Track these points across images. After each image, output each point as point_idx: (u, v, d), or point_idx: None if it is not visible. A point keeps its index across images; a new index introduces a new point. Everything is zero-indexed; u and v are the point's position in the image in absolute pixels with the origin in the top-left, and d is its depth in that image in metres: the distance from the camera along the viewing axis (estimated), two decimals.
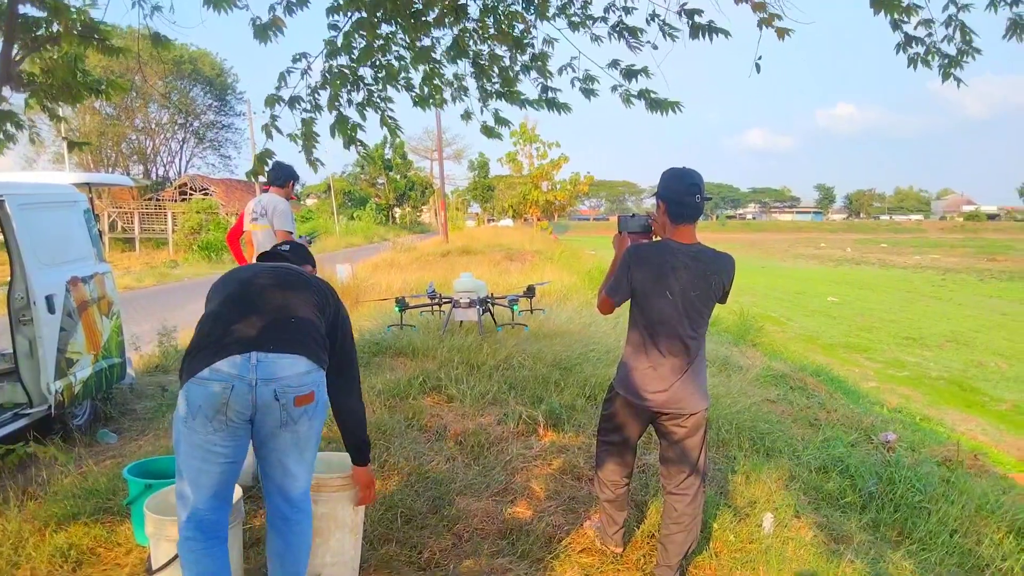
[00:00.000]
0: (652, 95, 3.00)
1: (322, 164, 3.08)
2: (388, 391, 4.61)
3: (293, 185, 4.95)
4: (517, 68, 3.24)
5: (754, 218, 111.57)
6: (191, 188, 35.43)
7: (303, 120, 2.98)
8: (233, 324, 2.07)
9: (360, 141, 3.13)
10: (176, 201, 33.37)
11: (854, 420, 5.44)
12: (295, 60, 2.91)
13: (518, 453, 3.75)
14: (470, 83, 3.32)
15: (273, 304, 2.14)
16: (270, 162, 3.13)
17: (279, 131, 2.90)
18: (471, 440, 3.87)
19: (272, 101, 2.91)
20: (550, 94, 3.26)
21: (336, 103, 3.06)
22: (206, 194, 34.32)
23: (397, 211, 56.65)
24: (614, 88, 3.02)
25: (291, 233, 4.71)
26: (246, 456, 2.12)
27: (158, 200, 34.09)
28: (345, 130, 3.06)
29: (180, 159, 43.87)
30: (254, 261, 4.69)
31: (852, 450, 4.36)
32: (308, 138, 2.98)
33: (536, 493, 3.34)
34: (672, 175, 2.45)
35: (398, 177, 53.52)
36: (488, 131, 3.32)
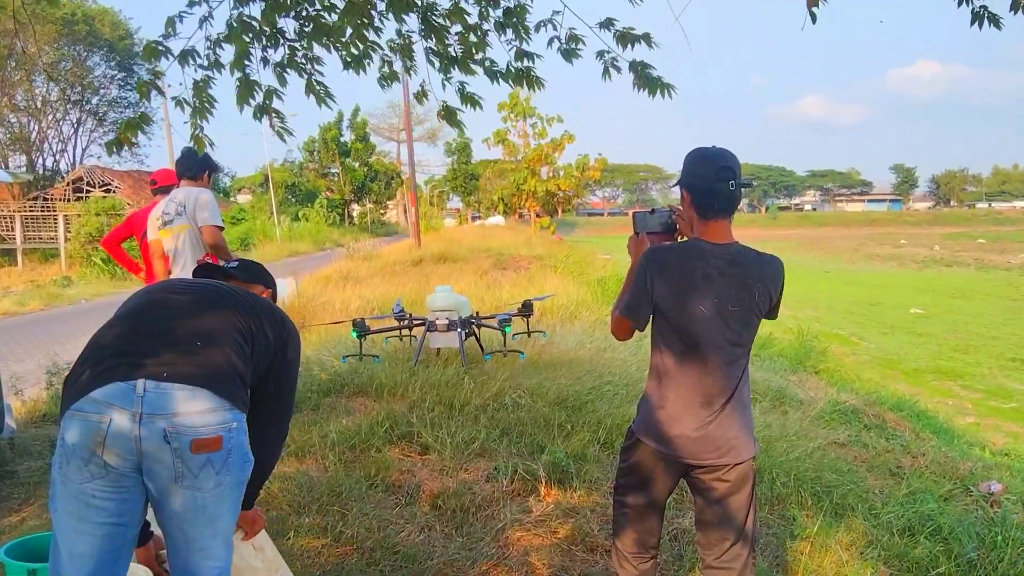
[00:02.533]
0: (646, 69, 3.01)
1: (291, 134, 3.09)
2: (344, 441, 4.60)
3: (210, 177, 4.97)
4: (487, 26, 3.24)
5: (814, 209, 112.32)
6: (89, 183, 35.39)
7: (195, 82, 2.99)
8: (122, 344, 2.08)
9: (276, 111, 3.14)
10: (70, 200, 33.26)
11: (947, 467, 5.43)
12: (191, 3, 2.93)
13: (513, 518, 3.73)
14: (419, 47, 3.32)
15: (179, 324, 2.15)
16: (147, 131, 3.17)
17: (160, 92, 2.92)
18: (452, 503, 3.86)
19: (154, 52, 2.91)
20: (526, 62, 3.26)
21: (245, 62, 3.07)
22: (108, 191, 34.27)
23: (355, 208, 56.81)
24: (600, 54, 3.04)
25: (221, 228, 4.72)
26: (140, 521, 2.10)
27: (46, 199, 34.03)
28: (247, 96, 3.08)
29: (74, 146, 43.96)
30: (176, 276, 4.75)
31: (945, 506, 4.35)
32: (201, 105, 3.00)
33: (537, 570, 3.32)
34: (697, 157, 2.46)
35: (356, 165, 53.72)
36: (449, 115, 3.33)
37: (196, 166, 4.81)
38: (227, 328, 2.18)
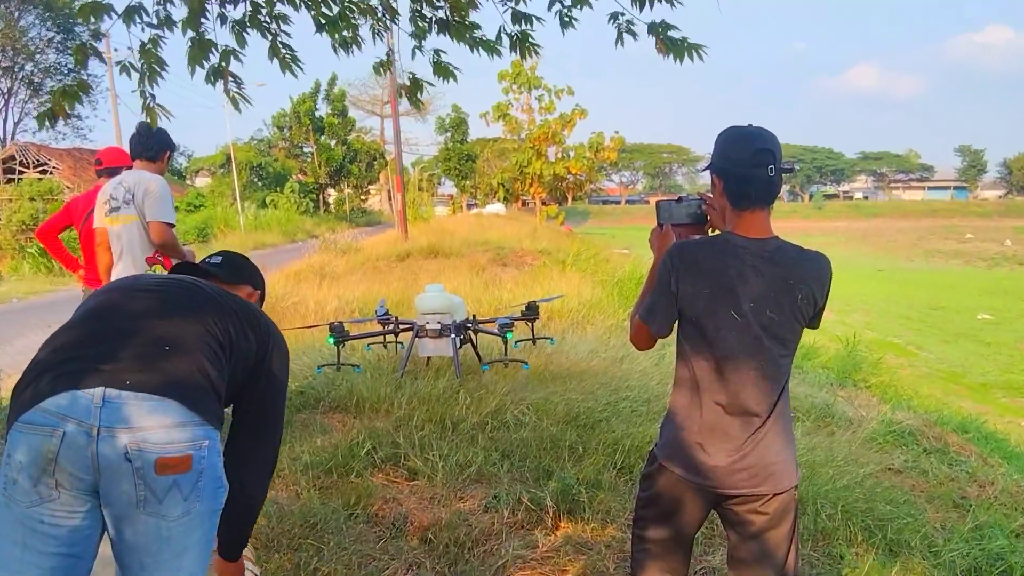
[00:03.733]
0: (668, 30, 3.02)
1: (249, 102, 3.09)
2: (319, 464, 4.61)
3: (169, 157, 4.98)
4: None
5: (866, 197, 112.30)
6: (22, 163, 35.42)
7: (142, 43, 2.99)
8: (79, 349, 2.08)
9: (232, 75, 3.15)
10: None
11: (1020, 498, 5.44)
12: None
13: (516, 555, 3.74)
14: (404, 4, 3.33)
15: (146, 326, 2.15)
16: (87, 101, 3.18)
17: (98, 56, 2.93)
18: (444, 536, 3.86)
19: (94, 9, 2.90)
20: (523, 26, 3.26)
21: (199, 20, 3.07)
22: (44, 172, 34.31)
23: (332, 194, 56.84)
24: (613, 16, 3.04)
25: (172, 226, 4.73)
26: (95, 553, 2.09)
27: None
28: (200, 57, 3.08)
29: (4, 120, 43.99)
30: (118, 275, 4.76)
31: (1018, 543, 4.36)
32: (150, 69, 3.00)
33: None
34: (731, 138, 2.46)
35: (333, 143, 53.76)
36: (413, 89, 3.33)
37: (155, 145, 4.80)
38: (201, 333, 2.18)
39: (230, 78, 3.17)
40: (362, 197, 60.76)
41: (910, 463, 5.89)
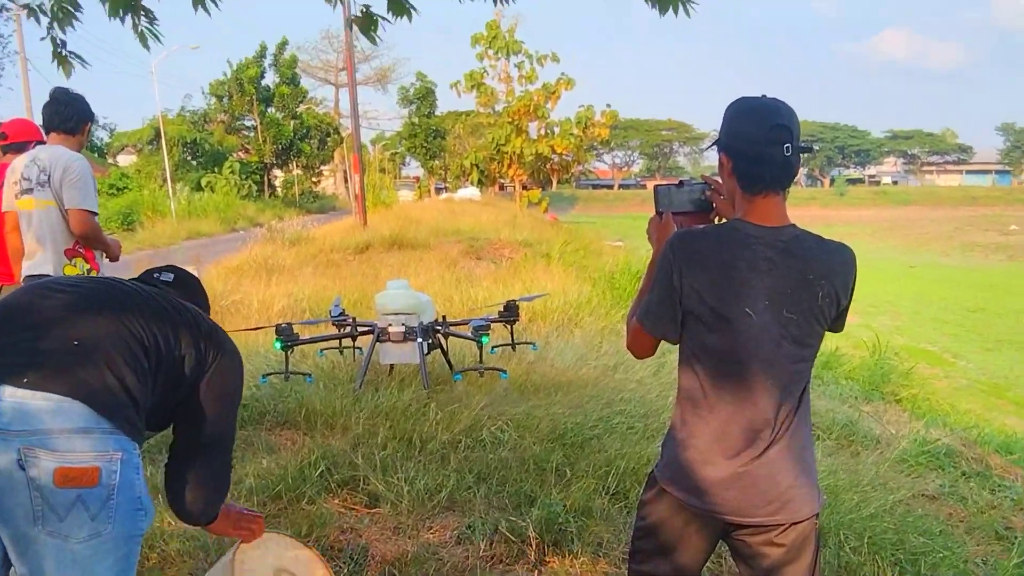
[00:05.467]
0: None
1: (159, 40, 3.06)
2: (265, 488, 4.59)
3: (88, 129, 4.94)
4: None
5: (895, 182, 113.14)
6: None
7: None
8: None
9: (145, 9, 3.12)
10: None
11: None
12: None
13: None
14: None
15: (55, 322, 2.16)
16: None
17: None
18: (411, 571, 3.86)
19: None
20: None
21: None
22: None
23: (278, 175, 56.54)
24: None
25: (94, 214, 4.70)
26: None
27: None
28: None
29: None
30: (33, 270, 4.72)
31: None
32: (62, 11, 2.97)
33: None
34: (742, 111, 2.47)
35: (280, 116, 53.49)
36: (365, 23, 3.32)
37: (74, 115, 4.75)
38: (120, 333, 2.19)
39: (141, 13, 3.13)
40: (314, 179, 60.55)
41: (946, 488, 5.93)
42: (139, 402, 2.16)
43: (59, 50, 3.07)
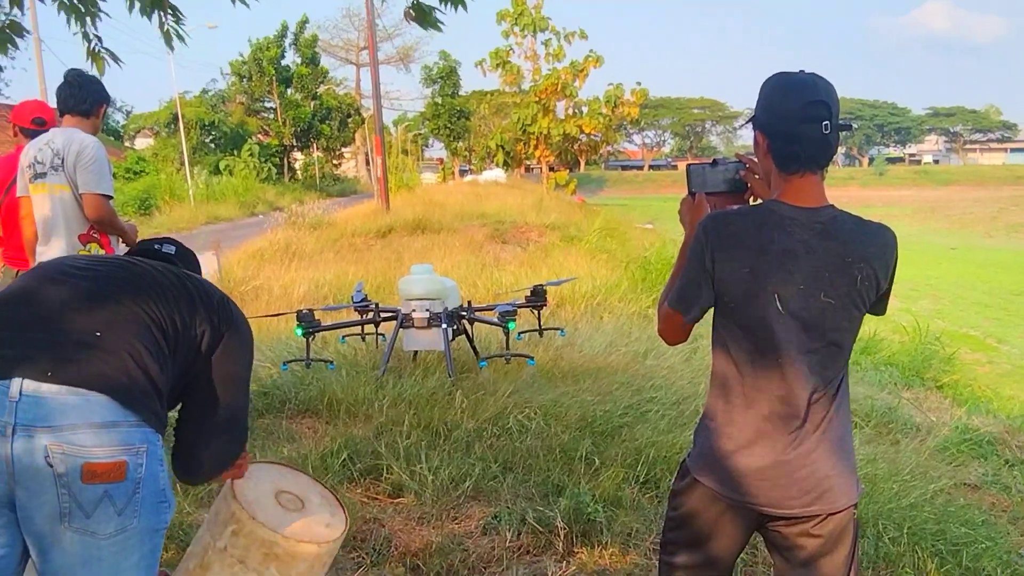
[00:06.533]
0: None
1: (184, 40, 3.08)
2: None
3: (104, 112, 4.94)
4: None
5: (936, 161, 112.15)
6: None
7: None
8: None
9: (172, 6, 3.13)
10: None
11: None
12: None
13: None
14: None
15: (74, 310, 2.15)
16: (17, 46, 3.15)
17: None
18: (436, 563, 3.86)
19: None
20: None
21: None
22: None
23: (299, 157, 56.75)
24: None
25: (110, 198, 4.72)
26: (13, 573, 2.10)
27: None
28: None
29: None
30: (46, 255, 4.74)
31: None
32: (88, 7, 2.98)
33: None
34: (778, 87, 2.44)
35: (300, 97, 53.65)
36: (421, 14, 3.31)
37: (90, 97, 4.76)
38: (140, 319, 2.18)
39: (168, 10, 3.14)
40: (335, 162, 60.76)
41: (989, 477, 5.89)
42: (162, 391, 2.16)
43: (92, 46, 3.07)
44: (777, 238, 2.37)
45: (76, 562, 2.02)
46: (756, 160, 2.54)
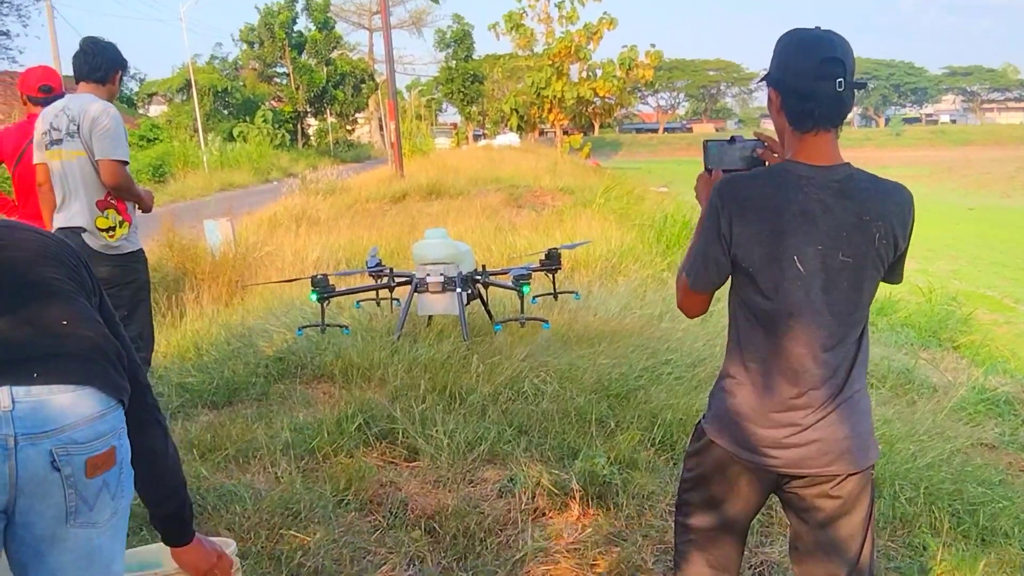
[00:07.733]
0: None
1: None
2: (302, 442, 4.64)
3: (120, 78, 4.94)
4: None
5: (953, 120, 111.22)
6: None
7: None
8: None
9: None
10: None
11: None
12: None
13: (536, 547, 3.77)
14: None
15: (27, 296, 2.05)
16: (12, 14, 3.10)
17: None
18: (451, 525, 3.89)
19: None
20: None
21: None
22: None
23: (312, 123, 56.68)
24: None
25: (126, 164, 4.72)
26: None
27: None
28: None
29: None
30: (70, 220, 4.74)
31: None
32: None
33: None
34: (792, 44, 2.42)
35: (314, 63, 53.46)
36: None
37: (104, 63, 4.74)
38: (74, 291, 2.12)
39: None
40: (348, 127, 60.69)
41: (1006, 437, 5.88)
42: (121, 363, 2.12)
43: None
44: (794, 198, 2.36)
45: (79, 559, 2.00)
46: (775, 139, 2.53)
